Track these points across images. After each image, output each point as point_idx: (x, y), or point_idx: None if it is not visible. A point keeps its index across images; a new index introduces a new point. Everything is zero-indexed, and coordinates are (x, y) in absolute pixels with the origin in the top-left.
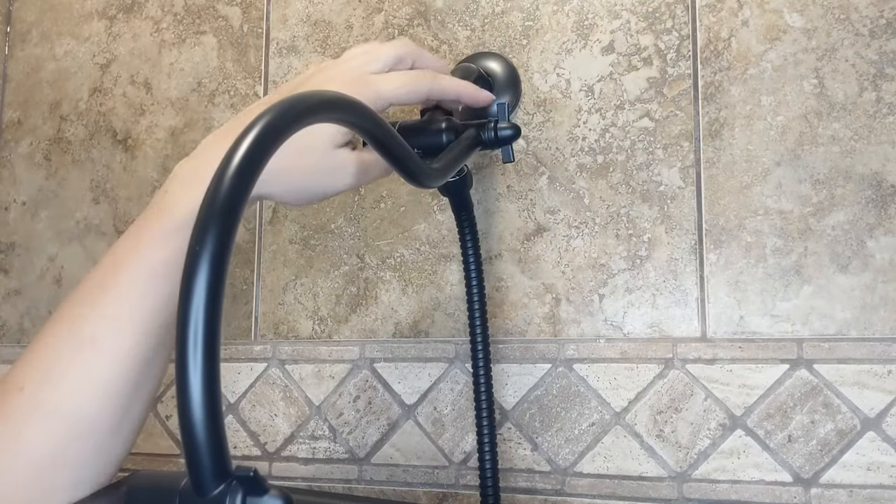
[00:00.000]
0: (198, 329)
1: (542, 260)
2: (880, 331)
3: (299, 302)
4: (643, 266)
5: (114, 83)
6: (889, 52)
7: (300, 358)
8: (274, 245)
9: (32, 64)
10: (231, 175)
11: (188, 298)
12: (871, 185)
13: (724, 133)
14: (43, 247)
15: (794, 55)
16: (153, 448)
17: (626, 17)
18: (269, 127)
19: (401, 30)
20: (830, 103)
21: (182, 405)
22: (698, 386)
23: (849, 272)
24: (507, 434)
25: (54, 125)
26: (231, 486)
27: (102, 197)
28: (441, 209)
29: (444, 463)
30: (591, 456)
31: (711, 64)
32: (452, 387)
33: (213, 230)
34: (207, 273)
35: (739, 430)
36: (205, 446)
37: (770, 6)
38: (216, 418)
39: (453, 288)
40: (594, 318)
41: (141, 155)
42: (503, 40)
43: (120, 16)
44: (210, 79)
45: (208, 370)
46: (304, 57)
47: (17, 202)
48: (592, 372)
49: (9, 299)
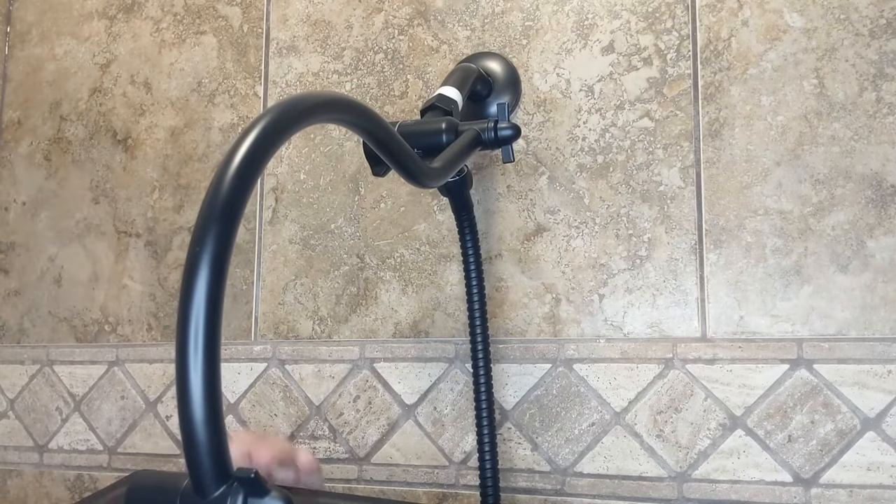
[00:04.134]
0: (198, 332)
1: (542, 260)
2: (880, 331)
3: (299, 302)
4: (643, 266)
5: (114, 83)
6: (889, 52)
7: (300, 358)
8: (274, 245)
9: (32, 64)
10: (231, 177)
11: (188, 300)
12: (871, 185)
13: (724, 133)
14: (43, 247)
15: (794, 55)
16: (153, 448)
17: (626, 17)
18: (269, 128)
19: (401, 30)
20: (830, 103)
21: (183, 407)
22: (698, 386)
23: (849, 272)
24: (507, 434)
25: (54, 125)
26: (232, 487)
27: (102, 197)
28: (441, 209)
29: (443, 463)
30: (591, 456)
31: (711, 64)
32: (452, 387)
33: (212, 232)
34: (207, 275)
35: (739, 430)
36: (206, 448)
37: (770, 6)
38: (217, 420)
39: (453, 288)
40: (594, 318)
41: (141, 155)
42: (503, 40)
43: (120, 16)
44: (210, 79)
45: (209, 373)
46: (304, 57)
47: (17, 202)
48: (592, 372)
49: (9, 299)
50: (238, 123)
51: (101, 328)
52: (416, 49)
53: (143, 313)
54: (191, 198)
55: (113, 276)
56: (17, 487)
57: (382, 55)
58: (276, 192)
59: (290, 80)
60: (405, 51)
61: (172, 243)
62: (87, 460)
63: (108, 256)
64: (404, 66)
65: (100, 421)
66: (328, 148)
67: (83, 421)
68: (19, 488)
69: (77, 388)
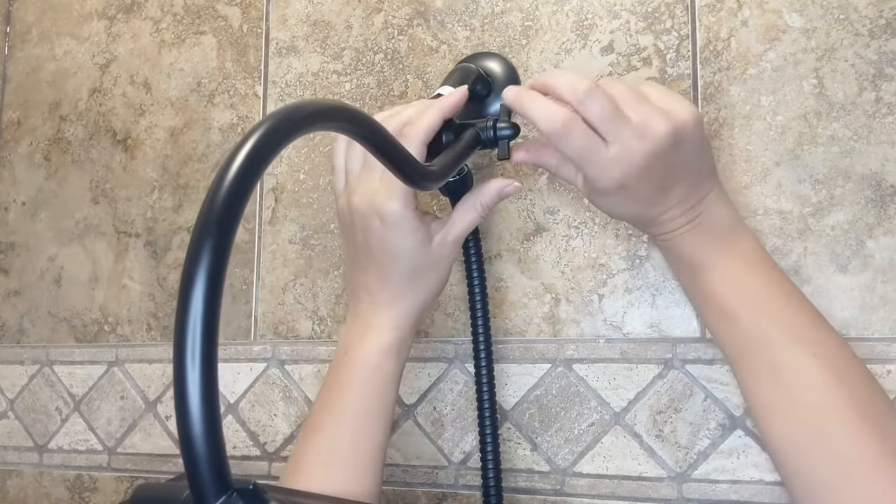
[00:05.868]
0: (195, 343)
1: (542, 260)
2: (880, 331)
3: (299, 302)
4: (643, 266)
5: (113, 83)
6: (888, 52)
7: (300, 358)
8: (274, 245)
9: (32, 64)
10: (227, 186)
11: (185, 312)
12: (871, 185)
13: (724, 133)
14: (43, 247)
15: (794, 55)
16: (153, 448)
17: (625, 17)
18: (266, 137)
19: (400, 30)
20: (830, 103)
21: (181, 419)
22: (698, 386)
23: (848, 272)
24: (507, 434)
25: (54, 125)
26: (231, 497)
27: (102, 197)
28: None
29: (443, 463)
30: (591, 456)
31: (711, 64)
32: (452, 387)
33: (209, 242)
34: (204, 286)
35: (739, 430)
36: (205, 460)
37: (769, 6)
38: (215, 432)
39: (453, 288)
40: (594, 318)
41: (140, 155)
42: (503, 40)
43: (120, 16)
44: (210, 79)
45: (206, 388)
46: (304, 57)
47: (17, 202)
48: (592, 372)
49: (9, 299)
50: (238, 124)
51: (101, 328)
52: (416, 49)
53: (143, 313)
54: (190, 198)
55: (112, 277)
56: (17, 487)
57: (382, 55)
58: (275, 192)
59: (290, 80)
60: (405, 51)
61: (172, 243)
62: (86, 460)
63: (107, 256)
64: (404, 66)
65: (99, 421)
66: (328, 148)
67: (83, 421)
68: (19, 488)
69: (77, 389)
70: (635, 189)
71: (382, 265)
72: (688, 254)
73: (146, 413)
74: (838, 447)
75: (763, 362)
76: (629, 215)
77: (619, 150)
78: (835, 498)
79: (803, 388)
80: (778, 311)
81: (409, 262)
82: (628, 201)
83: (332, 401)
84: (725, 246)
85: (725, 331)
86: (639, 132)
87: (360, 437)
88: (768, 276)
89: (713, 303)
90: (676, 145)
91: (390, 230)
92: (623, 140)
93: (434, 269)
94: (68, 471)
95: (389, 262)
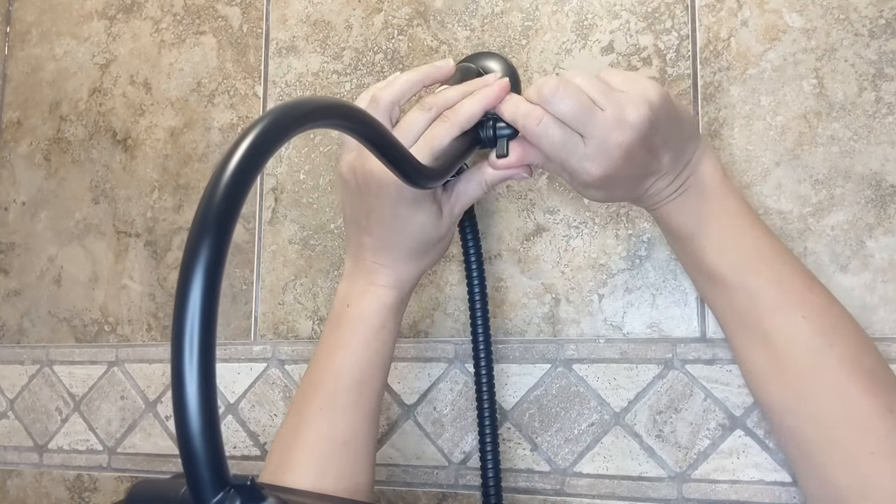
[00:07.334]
0: (193, 341)
1: (542, 260)
2: (880, 331)
3: (299, 302)
4: (643, 266)
5: (113, 83)
6: (888, 52)
7: (300, 358)
8: (274, 245)
9: (32, 64)
10: (226, 182)
11: (182, 311)
12: (871, 185)
13: (724, 133)
14: (43, 247)
15: (794, 55)
16: (153, 448)
17: (625, 17)
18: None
19: (400, 30)
20: (830, 103)
21: (179, 416)
22: (698, 386)
23: (848, 272)
24: (507, 434)
25: (54, 125)
26: (229, 494)
27: (102, 197)
28: None
29: (443, 463)
30: (591, 456)
31: (711, 64)
32: (452, 387)
33: (207, 238)
34: (202, 281)
35: (739, 430)
36: (202, 456)
37: (769, 6)
38: (213, 429)
39: (453, 288)
40: (594, 318)
41: (140, 155)
42: (503, 40)
43: (120, 16)
44: (210, 79)
45: (204, 378)
46: (304, 57)
47: (16, 202)
48: (592, 372)
49: (9, 299)
50: (238, 123)
51: (101, 328)
52: (416, 49)
53: (143, 313)
54: (190, 198)
55: (112, 277)
56: (17, 487)
57: (382, 55)
58: (275, 192)
59: (290, 80)
60: (405, 51)
61: (172, 243)
62: (86, 460)
63: (107, 256)
64: (404, 66)
65: (99, 421)
66: (328, 148)
67: (83, 421)
68: (19, 488)
69: (77, 389)
70: (619, 176)
71: (390, 232)
72: (676, 221)
73: (146, 413)
74: (827, 411)
75: (754, 328)
76: (618, 198)
77: (596, 144)
78: (825, 461)
79: (793, 353)
80: (767, 275)
81: (420, 236)
82: (615, 187)
83: (332, 353)
84: (713, 210)
85: (717, 297)
86: (615, 124)
87: (363, 386)
88: (756, 239)
89: (704, 270)
90: (654, 127)
91: (406, 206)
92: (599, 134)
93: (441, 240)
94: (68, 471)
95: (399, 233)
